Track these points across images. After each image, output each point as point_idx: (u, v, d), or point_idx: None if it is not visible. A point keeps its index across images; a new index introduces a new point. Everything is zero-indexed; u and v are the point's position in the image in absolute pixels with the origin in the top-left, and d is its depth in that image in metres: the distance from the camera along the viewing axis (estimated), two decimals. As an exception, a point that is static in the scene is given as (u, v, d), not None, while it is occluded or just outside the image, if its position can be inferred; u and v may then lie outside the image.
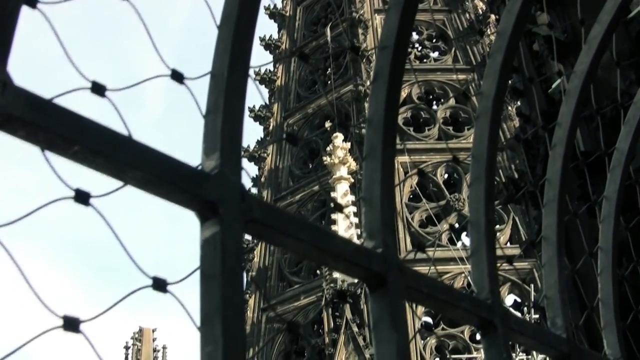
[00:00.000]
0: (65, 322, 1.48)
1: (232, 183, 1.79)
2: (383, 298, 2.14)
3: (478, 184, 2.82)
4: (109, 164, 1.63)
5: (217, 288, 1.66)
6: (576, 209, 5.96)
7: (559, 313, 3.14)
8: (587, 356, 3.20)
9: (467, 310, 2.51)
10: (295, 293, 36.34)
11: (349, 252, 2.07)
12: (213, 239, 1.72)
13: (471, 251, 2.75)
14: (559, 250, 3.25)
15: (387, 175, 2.30)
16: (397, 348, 2.07)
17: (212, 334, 1.63)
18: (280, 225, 1.89)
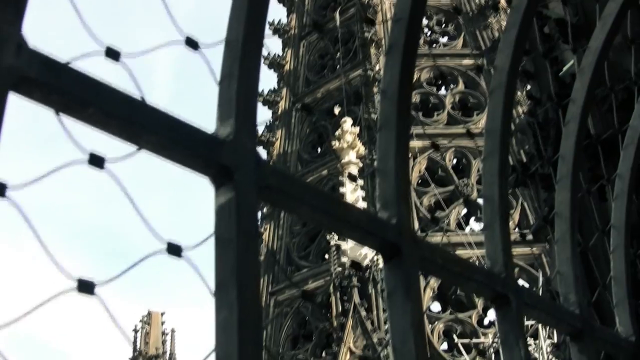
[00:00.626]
0: (80, 284, 1.47)
1: (247, 149, 1.78)
2: (397, 268, 2.13)
3: (492, 158, 2.81)
4: (124, 128, 1.62)
5: (232, 253, 1.65)
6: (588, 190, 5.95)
7: (572, 289, 3.13)
8: (600, 332, 3.19)
9: (481, 283, 2.49)
10: (304, 277, 36.35)
11: (363, 221, 2.06)
12: (228, 204, 1.71)
13: (484, 225, 2.74)
14: (572, 227, 3.23)
15: (402, 146, 2.28)
16: (411, 318, 2.06)
17: (227, 299, 1.62)
18: (295, 192, 1.88)
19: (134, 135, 1.64)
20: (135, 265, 1.58)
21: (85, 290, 1.47)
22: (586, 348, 3.05)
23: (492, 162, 2.79)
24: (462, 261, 2.43)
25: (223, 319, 1.61)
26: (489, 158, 2.80)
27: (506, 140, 2.83)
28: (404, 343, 2.05)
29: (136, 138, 1.64)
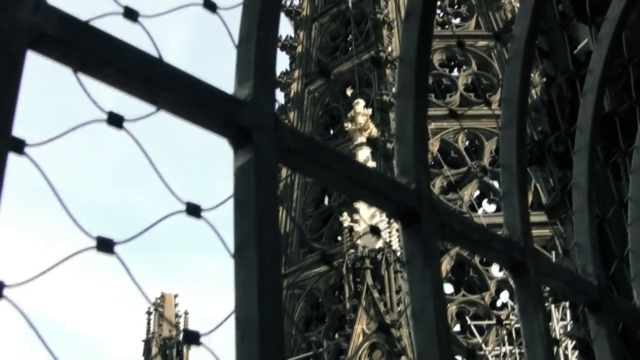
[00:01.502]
0: (99, 243, 1.46)
1: (266, 110, 1.76)
2: (416, 234, 2.12)
3: (509, 126, 2.79)
4: (142, 87, 1.61)
5: (251, 214, 1.64)
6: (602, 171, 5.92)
7: (590, 260, 3.11)
8: (618, 304, 3.17)
9: (499, 250, 2.48)
10: (316, 259, 36.37)
11: (382, 185, 2.04)
12: (247, 165, 1.70)
13: (503, 194, 2.72)
14: (590, 198, 3.21)
15: (420, 112, 2.27)
16: (431, 284, 2.05)
17: (246, 260, 1.61)
18: (315, 154, 1.87)
19: (153, 94, 1.62)
20: (154, 225, 1.57)
21: (105, 249, 1.46)
22: (604, 319, 3.03)
23: (510, 131, 2.77)
24: (480, 228, 2.42)
25: (242, 279, 1.60)
26: (507, 126, 2.78)
27: (524, 109, 2.81)
28: (423, 310, 2.04)
29: (155, 98, 1.63)
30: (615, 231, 4.41)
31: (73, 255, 1.42)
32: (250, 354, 1.53)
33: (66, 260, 1.41)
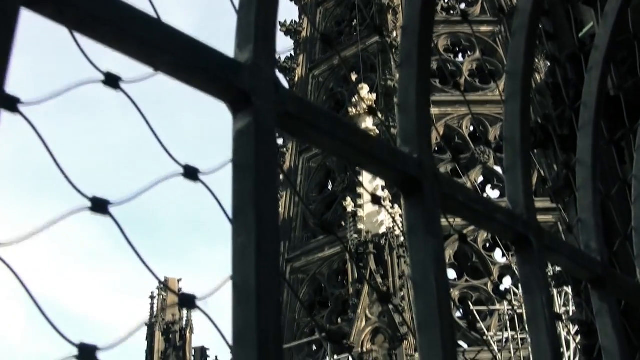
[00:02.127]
0: (94, 203, 1.44)
1: (266, 74, 1.74)
2: (418, 204, 2.09)
3: (513, 100, 2.76)
4: (140, 47, 1.58)
5: (250, 178, 1.61)
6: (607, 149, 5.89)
7: (593, 236, 3.09)
8: (622, 281, 3.15)
9: (502, 223, 2.45)
10: (320, 244, 36.40)
11: (384, 154, 2.02)
12: (246, 129, 1.67)
13: (506, 167, 2.69)
14: (594, 174, 3.19)
15: (423, 81, 2.24)
16: (432, 253, 2.03)
17: (244, 224, 1.59)
18: (315, 120, 1.84)
19: (150, 55, 1.60)
20: (151, 187, 1.55)
21: (99, 209, 1.43)
22: (607, 296, 3.01)
23: (514, 104, 2.74)
24: (483, 200, 2.39)
25: (240, 243, 1.57)
26: (511, 100, 2.75)
27: (528, 82, 2.79)
28: (425, 278, 2.01)
29: (152, 59, 1.60)
30: (619, 209, 4.38)
31: (67, 216, 1.40)
32: (247, 318, 1.50)
33: (60, 220, 1.39)
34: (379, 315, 29.60)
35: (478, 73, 40.21)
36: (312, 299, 36.53)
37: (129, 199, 1.48)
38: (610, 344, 2.98)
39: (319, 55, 42.73)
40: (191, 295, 1.51)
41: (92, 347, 1.32)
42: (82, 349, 1.32)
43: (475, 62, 40.46)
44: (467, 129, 38.49)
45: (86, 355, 1.32)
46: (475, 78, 39.94)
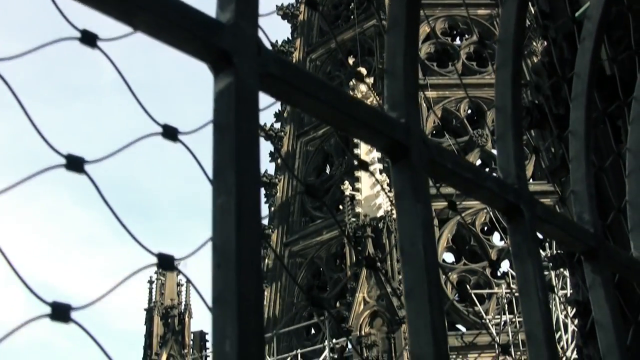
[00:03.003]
0: (69, 161, 1.40)
1: (248, 35, 1.70)
2: (405, 169, 2.06)
3: (504, 68, 2.73)
4: (119, 5, 1.54)
5: (231, 138, 1.58)
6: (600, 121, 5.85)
7: (586, 208, 3.06)
8: (615, 253, 3.12)
9: (493, 191, 2.42)
10: (318, 228, 36.40)
11: (371, 118, 1.98)
12: (227, 90, 1.64)
13: (497, 136, 2.66)
14: (587, 145, 3.15)
15: (411, 46, 2.20)
16: (421, 219, 1.99)
17: (224, 184, 1.55)
18: (299, 82, 1.80)
19: (129, 14, 1.56)
20: (128, 146, 1.51)
21: (75, 167, 1.40)
22: (600, 268, 2.98)
23: (505, 72, 2.71)
24: (473, 167, 2.36)
25: (220, 204, 1.54)
26: (502, 68, 2.72)
27: (519, 50, 2.75)
28: (412, 244, 1.98)
29: (131, 17, 1.57)
30: (613, 183, 4.35)
31: (42, 172, 1.36)
32: (226, 281, 1.47)
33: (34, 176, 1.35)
34: (377, 299, 29.60)
35: (475, 56, 40.12)
36: (311, 282, 36.53)
37: (105, 157, 1.45)
38: (604, 316, 2.95)
39: (316, 38, 42.64)
40: (169, 256, 1.48)
41: (65, 305, 1.29)
42: (55, 307, 1.29)
43: (473, 46, 40.36)
44: (465, 112, 38.43)
45: (59, 314, 1.29)
46: (473, 61, 39.85)
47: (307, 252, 36.53)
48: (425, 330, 1.91)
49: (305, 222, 37.67)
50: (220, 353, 1.43)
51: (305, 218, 37.88)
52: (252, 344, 1.43)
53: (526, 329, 2.46)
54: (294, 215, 38.01)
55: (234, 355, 1.41)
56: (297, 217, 37.97)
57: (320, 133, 39.09)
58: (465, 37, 41.41)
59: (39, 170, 1.35)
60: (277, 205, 38.42)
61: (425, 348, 1.89)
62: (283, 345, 33.95)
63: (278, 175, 39.38)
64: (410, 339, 1.94)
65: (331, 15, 42.89)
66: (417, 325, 1.93)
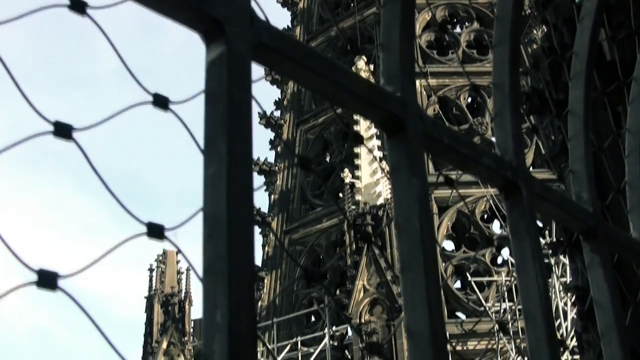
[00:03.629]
0: (57, 128, 1.38)
1: (241, 4, 1.67)
2: (401, 144, 2.03)
3: (502, 46, 2.70)
4: (107, -28, 1.52)
5: (222, 107, 1.56)
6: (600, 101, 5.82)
7: (585, 187, 3.04)
8: (614, 233, 3.10)
9: (490, 168, 2.39)
10: (318, 216, 36.38)
11: (366, 91, 1.95)
12: (219, 59, 1.61)
13: (495, 114, 2.63)
14: (586, 124, 3.13)
15: (406, 20, 2.17)
16: (417, 193, 1.97)
17: (216, 154, 1.53)
18: (293, 53, 1.78)
19: (118, -19, 1.54)
20: (118, 114, 1.49)
21: (62, 134, 1.38)
22: (599, 247, 2.96)
23: (503, 50, 2.68)
24: (470, 143, 2.33)
25: (211, 174, 1.51)
26: (500, 45, 2.69)
27: (517, 27, 2.72)
28: (408, 219, 1.96)
29: (121, -15, 1.54)
30: (612, 164, 4.33)
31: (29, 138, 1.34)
32: (217, 251, 1.45)
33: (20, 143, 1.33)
34: (377, 287, 29.57)
35: (476, 44, 40.02)
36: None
37: (94, 124, 1.43)
38: (602, 296, 2.93)
39: (316, 26, 42.53)
40: (159, 225, 1.46)
41: (52, 273, 1.27)
42: (42, 275, 1.27)
43: (473, 33, 40.26)
44: (465, 101, 38.36)
45: (46, 281, 1.27)
46: (473, 49, 39.76)
47: (307, 240, 36.50)
48: (421, 304, 1.89)
49: (305, 210, 37.64)
50: (210, 323, 1.41)
51: (305, 206, 37.84)
52: (243, 314, 1.40)
53: (524, 306, 2.44)
54: (294, 203, 37.98)
55: (225, 326, 1.39)
56: (297, 205, 37.93)
57: (320, 121, 39.04)
58: (465, 25, 41.30)
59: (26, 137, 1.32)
60: (277, 193, 38.39)
61: (421, 322, 1.87)
62: (283, 332, 33.96)
63: (278, 163, 39.34)
64: (406, 314, 1.92)
65: (331, 2, 42.78)
66: (413, 300, 1.91)
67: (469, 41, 40.12)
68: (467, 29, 40.71)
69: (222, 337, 1.38)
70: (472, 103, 38.79)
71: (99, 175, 1.39)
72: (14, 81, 1.37)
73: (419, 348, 1.87)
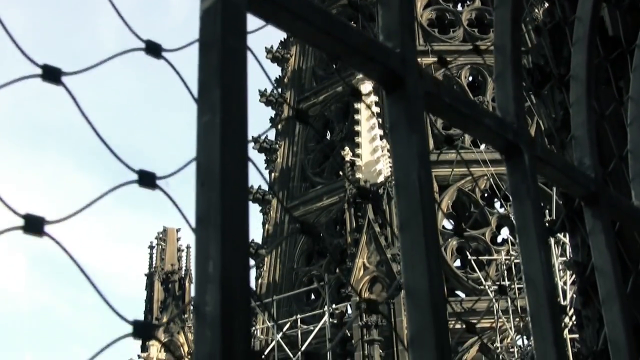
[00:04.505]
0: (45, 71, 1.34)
1: (235, -49, 1.63)
2: (400, 100, 1.99)
3: (503, 6, 2.65)
4: None
5: (216, 55, 1.51)
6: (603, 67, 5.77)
7: (587, 152, 3.00)
8: (616, 200, 3.06)
9: (491, 129, 2.35)
10: (318, 194, 36.37)
11: (365, 45, 1.91)
12: (213, 7, 1.57)
13: (496, 75, 2.59)
14: (588, 90, 3.09)
15: (407, -25, 2.12)
16: (416, 150, 1.93)
17: (210, 102, 1.49)
18: (289, 4, 1.73)
19: None
20: (109, 60, 1.45)
21: (51, 78, 1.33)
22: (600, 213, 2.92)
23: (504, 10, 2.63)
24: (471, 102, 2.29)
25: (205, 123, 1.47)
26: (501, 6, 2.65)
27: (520, -13, 2.68)
28: (407, 175, 1.92)
29: None
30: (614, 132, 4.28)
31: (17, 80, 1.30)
32: (210, 199, 1.41)
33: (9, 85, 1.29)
34: (377, 264, 29.58)
35: (477, 23, 39.90)
36: (311, 248, 36.53)
37: (83, 69, 1.38)
38: (604, 262, 2.90)
39: (317, 4, 42.35)
40: (151, 173, 1.42)
41: (39, 218, 1.23)
42: (28, 219, 1.23)
43: (475, 12, 40.13)
44: (466, 79, 38.28)
45: (32, 226, 1.23)
46: (474, 28, 39.64)
47: (308, 218, 36.47)
48: (420, 263, 1.85)
49: (305, 188, 37.62)
50: (202, 275, 1.38)
51: (305, 184, 37.83)
52: (236, 265, 1.37)
53: (525, 271, 2.40)
54: (295, 181, 37.96)
55: (217, 277, 1.35)
56: (297, 182, 37.91)
57: (320, 99, 38.97)
58: (467, 3, 41.17)
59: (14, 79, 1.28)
60: (278, 171, 38.36)
61: (420, 281, 1.83)
62: (283, 310, 34.01)
63: (278, 141, 39.28)
64: (404, 272, 1.88)
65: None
66: (412, 259, 1.87)
67: (470, 19, 39.98)
68: (469, 7, 40.58)
69: (214, 287, 1.35)
70: (473, 81, 38.71)
71: (88, 120, 1.35)
72: (2, 24, 1.33)
73: (417, 307, 1.84)
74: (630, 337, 2.75)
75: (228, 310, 1.33)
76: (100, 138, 1.36)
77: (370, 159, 32.18)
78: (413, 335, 1.85)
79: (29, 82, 1.34)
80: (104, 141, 1.36)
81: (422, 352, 1.82)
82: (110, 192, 1.39)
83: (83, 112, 1.33)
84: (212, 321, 1.33)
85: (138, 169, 1.40)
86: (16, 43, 1.31)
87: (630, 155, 3.51)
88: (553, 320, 2.33)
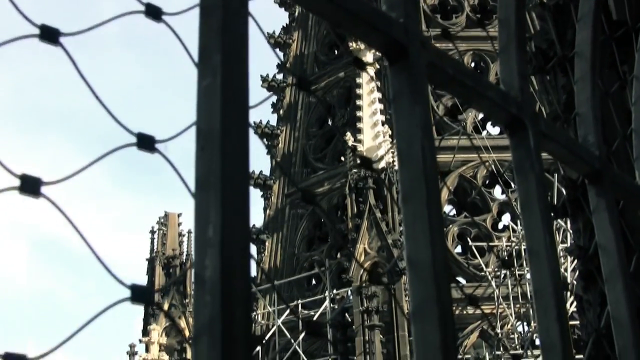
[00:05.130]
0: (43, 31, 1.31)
1: None
2: (403, 71, 1.96)
3: (509, -20, 2.62)
4: None
5: (217, 18, 1.49)
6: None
7: (591, 130, 2.97)
8: (620, 178, 3.04)
9: (495, 102, 2.33)
10: (320, 179, 36.34)
11: (368, 14, 1.88)
12: (214, -29, 1.54)
13: (500, 49, 2.56)
14: (593, 67, 3.06)
15: (411, -55, 2.10)
16: (419, 120, 1.90)
17: (210, 66, 1.46)
18: (291, -31, 1.71)
19: None
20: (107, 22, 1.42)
21: (49, 38, 1.31)
22: (604, 191, 2.90)
23: (510, -16, 2.60)
24: (475, 75, 2.26)
25: (205, 87, 1.45)
26: (506, -20, 2.62)
27: (525, -39, 2.65)
28: (410, 146, 1.89)
29: None
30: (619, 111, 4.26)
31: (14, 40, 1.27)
32: (210, 163, 1.39)
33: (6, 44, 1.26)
34: (378, 250, 29.58)
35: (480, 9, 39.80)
36: (312, 233, 36.54)
37: (82, 30, 1.36)
38: (607, 240, 2.88)
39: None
40: (150, 136, 1.40)
41: (35, 179, 1.21)
42: (25, 180, 1.21)
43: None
44: (468, 65, 38.21)
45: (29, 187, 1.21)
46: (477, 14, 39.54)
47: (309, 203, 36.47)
48: (423, 235, 1.82)
49: (307, 174, 37.60)
50: (202, 240, 1.35)
51: (307, 169, 37.80)
52: (236, 228, 1.34)
53: (528, 246, 2.38)
54: (296, 166, 37.93)
55: (217, 241, 1.33)
56: (298, 168, 37.88)
57: (322, 84, 38.88)
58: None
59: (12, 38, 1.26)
60: (279, 156, 38.33)
61: (423, 252, 1.81)
62: (284, 295, 34.04)
63: (280, 126, 39.23)
64: (407, 244, 1.86)
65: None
66: (415, 230, 1.85)
67: (473, 5, 39.88)
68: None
69: (214, 252, 1.33)
70: (476, 68, 38.61)
71: (86, 82, 1.32)
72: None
73: (420, 279, 1.82)
74: (633, 315, 2.74)
75: (228, 274, 1.31)
76: (98, 100, 1.34)
77: (372, 144, 32.14)
78: (415, 308, 1.83)
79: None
80: (102, 103, 1.33)
81: (424, 324, 1.80)
82: (108, 154, 1.37)
83: (81, 73, 1.30)
84: (212, 286, 1.31)
85: (137, 132, 1.38)
86: (14, 3, 1.29)
87: (634, 135, 3.49)
88: (556, 295, 2.31)
